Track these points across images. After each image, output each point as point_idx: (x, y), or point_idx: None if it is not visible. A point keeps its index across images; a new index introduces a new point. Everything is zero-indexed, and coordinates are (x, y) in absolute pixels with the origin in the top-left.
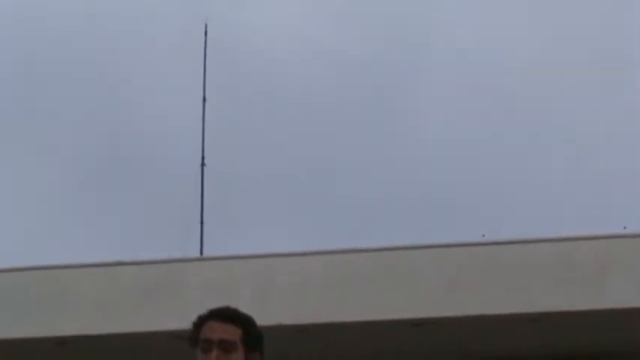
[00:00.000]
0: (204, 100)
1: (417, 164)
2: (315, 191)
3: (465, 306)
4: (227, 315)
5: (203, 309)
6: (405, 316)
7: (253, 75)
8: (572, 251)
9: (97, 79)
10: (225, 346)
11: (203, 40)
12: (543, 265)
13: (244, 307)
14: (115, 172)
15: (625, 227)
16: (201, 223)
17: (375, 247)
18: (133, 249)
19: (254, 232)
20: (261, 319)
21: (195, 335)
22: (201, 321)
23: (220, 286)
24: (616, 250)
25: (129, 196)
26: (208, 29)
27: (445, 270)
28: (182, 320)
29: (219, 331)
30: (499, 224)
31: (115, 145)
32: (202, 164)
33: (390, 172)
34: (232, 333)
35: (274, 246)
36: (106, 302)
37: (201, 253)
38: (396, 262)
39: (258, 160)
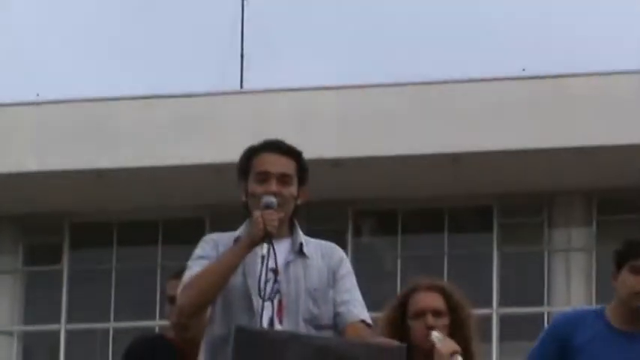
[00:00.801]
0: None
1: None
2: (357, 27)
3: (505, 139)
4: (284, 148)
5: (242, 142)
6: (444, 151)
7: None
8: (612, 85)
9: None
10: (285, 179)
11: None
12: (583, 99)
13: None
14: (156, 5)
15: None
16: (242, 56)
17: (415, 81)
18: (172, 82)
19: (294, 66)
20: None
21: (245, 166)
22: (254, 152)
23: (260, 120)
24: None
25: (169, 29)
26: None
27: (486, 104)
28: (221, 154)
29: (277, 163)
30: (539, 59)
31: None
32: None
33: (432, 4)
34: (290, 166)
35: (315, 80)
36: (144, 135)
37: (241, 86)
38: (436, 97)
39: None
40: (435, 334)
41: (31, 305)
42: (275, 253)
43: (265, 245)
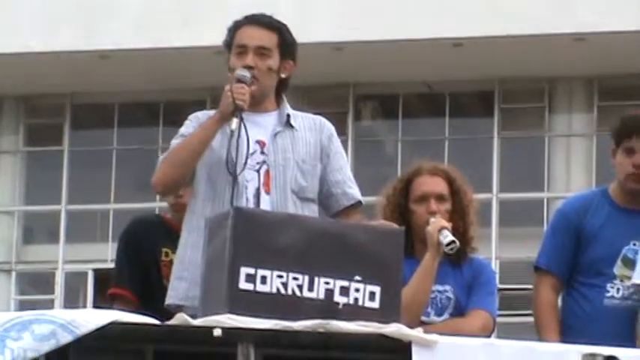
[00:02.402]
0: None
1: None
2: None
3: (508, 25)
4: (263, 21)
5: None
6: (446, 35)
7: None
8: None
9: None
10: (262, 52)
11: None
12: None
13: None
14: None
15: None
16: None
17: None
18: None
19: None
20: (301, 37)
21: (229, 40)
22: (237, 26)
23: (260, 3)
24: None
25: None
26: None
27: None
28: (222, 36)
29: (255, 36)
30: None
31: None
32: None
33: None
34: (268, 39)
35: None
36: (147, 18)
37: None
38: None
39: None
40: (432, 220)
41: (31, 185)
42: (246, 129)
43: (235, 120)
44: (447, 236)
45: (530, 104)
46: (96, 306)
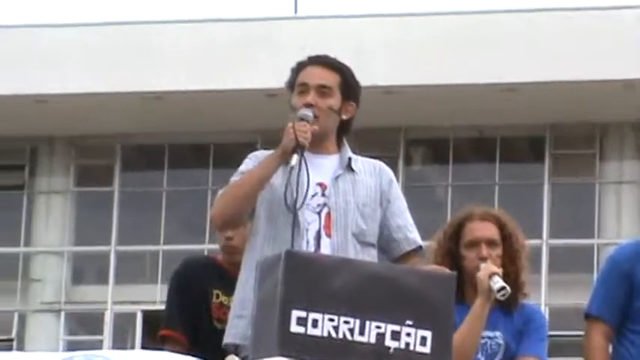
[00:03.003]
0: None
1: None
2: None
3: (560, 70)
4: (326, 61)
5: None
6: (498, 80)
7: None
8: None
9: None
10: (323, 90)
11: None
12: (629, 31)
13: None
14: None
15: None
16: None
17: (471, 10)
18: (227, 6)
19: None
20: None
21: (292, 80)
22: (300, 66)
23: (313, 45)
24: None
25: None
26: None
27: (549, 35)
28: (274, 78)
29: (317, 75)
30: None
31: None
32: None
33: None
34: (331, 79)
35: (370, 6)
36: (199, 59)
37: (296, 11)
38: (491, 26)
39: None
40: (483, 266)
41: (81, 226)
42: (307, 165)
43: (295, 156)
44: (498, 282)
45: (581, 150)
46: (144, 347)
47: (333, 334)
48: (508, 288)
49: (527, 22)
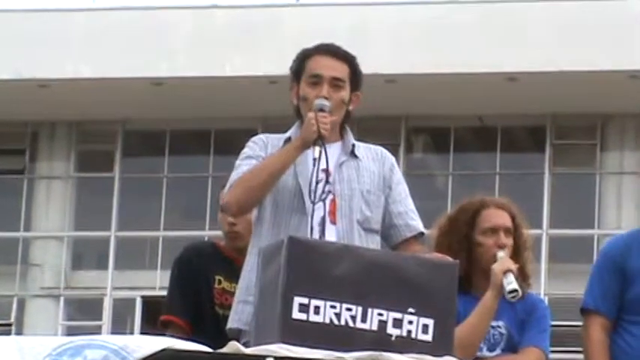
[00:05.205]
0: None
1: None
2: None
3: (562, 59)
4: (337, 51)
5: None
6: (499, 69)
7: None
8: None
9: None
10: (336, 83)
11: None
12: (633, 21)
13: None
14: None
15: None
16: None
17: None
18: None
19: None
20: None
21: (299, 69)
22: (308, 54)
23: (315, 33)
24: None
25: None
26: None
27: (552, 24)
28: (277, 66)
29: (330, 67)
30: None
31: None
32: None
33: None
34: (343, 70)
35: None
36: (201, 45)
37: None
38: (494, 15)
39: None
40: (500, 254)
41: (81, 212)
42: (327, 155)
43: (317, 148)
44: (511, 283)
45: (582, 141)
46: (143, 333)
47: (335, 321)
48: (520, 292)
49: (529, 11)
